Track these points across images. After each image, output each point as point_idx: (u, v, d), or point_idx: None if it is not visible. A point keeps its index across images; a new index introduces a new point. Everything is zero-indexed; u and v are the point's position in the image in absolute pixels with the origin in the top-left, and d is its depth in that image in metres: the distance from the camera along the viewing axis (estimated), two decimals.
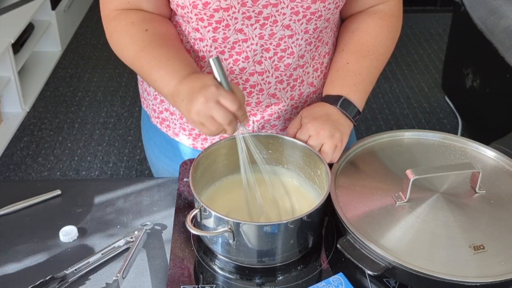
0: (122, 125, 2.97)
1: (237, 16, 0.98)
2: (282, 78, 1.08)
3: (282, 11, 0.99)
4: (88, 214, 1.04)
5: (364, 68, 1.08)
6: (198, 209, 0.89)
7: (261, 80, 1.07)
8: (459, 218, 0.91)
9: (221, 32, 1.00)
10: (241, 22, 0.99)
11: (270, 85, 1.08)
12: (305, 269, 0.92)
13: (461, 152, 1.06)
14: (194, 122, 0.92)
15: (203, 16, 0.98)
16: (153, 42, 1.01)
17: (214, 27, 1.00)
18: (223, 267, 0.92)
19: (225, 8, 0.97)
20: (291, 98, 1.11)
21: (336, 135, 1.00)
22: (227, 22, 0.99)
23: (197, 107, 0.90)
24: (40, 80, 3.23)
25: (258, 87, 1.08)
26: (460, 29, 2.83)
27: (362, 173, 1.01)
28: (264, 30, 1.01)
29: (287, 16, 1.00)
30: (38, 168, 2.66)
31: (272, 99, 1.10)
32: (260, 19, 0.99)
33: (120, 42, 1.04)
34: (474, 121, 2.80)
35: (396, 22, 1.13)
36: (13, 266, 0.94)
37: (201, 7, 0.97)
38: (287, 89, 1.10)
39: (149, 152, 1.29)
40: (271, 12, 0.99)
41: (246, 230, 0.86)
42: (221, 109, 0.89)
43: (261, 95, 1.09)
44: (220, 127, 0.91)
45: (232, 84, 0.92)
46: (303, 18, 1.01)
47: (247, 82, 1.07)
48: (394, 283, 0.89)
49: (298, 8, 0.99)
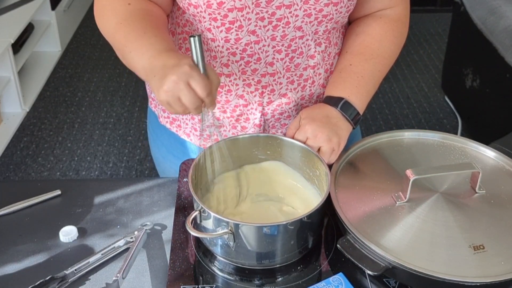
0: (122, 125, 2.97)
1: (250, 16, 0.98)
2: (293, 78, 1.08)
3: (295, 13, 0.99)
4: (88, 214, 1.04)
5: (367, 70, 1.08)
6: (198, 211, 0.89)
7: (273, 81, 1.07)
8: (459, 218, 0.91)
9: (234, 33, 1.00)
10: (254, 23, 0.99)
11: (281, 86, 1.08)
12: (305, 269, 0.92)
13: (461, 152, 1.06)
14: (162, 101, 0.89)
15: (216, 16, 0.98)
16: (134, 16, 0.99)
17: (227, 28, 0.99)
18: (223, 268, 0.92)
19: (239, 8, 0.96)
20: (301, 98, 1.12)
21: (334, 139, 1.00)
22: (240, 23, 0.98)
23: (167, 85, 0.86)
24: (40, 80, 3.23)
25: (269, 88, 1.08)
26: (460, 29, 2.83)
27: (362, 173, 1.01)
28: (277, 31, 1.01)
29: (300, 18, 1.00)
30: (38, 168, 2.66)
31: (283, 99, 1.10)
32: (273, 20, 0.99)
33: (103, 15, 1.02)
34: (474, 121, 2.80)
35: (402, 27, 1.13)
36: (13, 266, 0.94)
37: (215, 6, 0.96)
38: (298, 89, 1.10)
39: (156, 152, 1.29)
40: (284, 14, 0.98)
41: (246, 232, 0.86)
42: (190, 92, 0.86)
43: (272, 95, 1.09)
44: (186, 110, 0.89)
45: (209, 68, 0.89)
46: (315, 20, 1.01)
47: (259, 84, 1.07)
48: (394, 283, 0.89)
49: (311, 10, 0.99)
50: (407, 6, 1.14)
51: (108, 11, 1.01)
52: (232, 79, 1.07)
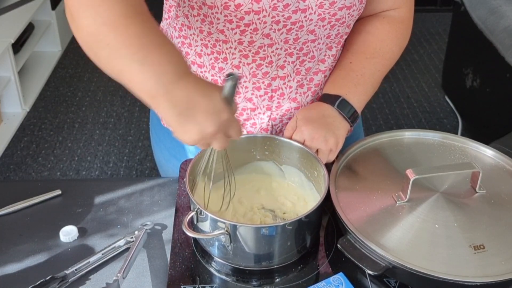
0: (122, 125, 2.97)
1: (266, 20, 0.97)
2: (303, 82, 1.08)
3: (309, 17, 0.98)
4: (88, 214, 1.04)
5: (367, 69, 1.08)
6: (195, 211, 0.89)
7: (283, 84, 1.07)
8: (459, 218, 0.91)
9: (248, 35, 0.99)
10: (270, 27, 0.98)
11: (291, 89, 1.08)
12: (305, 269, 0.92)
13: (461, 151, 1.06)
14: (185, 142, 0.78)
15: (232, 18, 0.96)
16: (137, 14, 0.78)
17: (242, 30, 0.98)
18: (222, 269, 0.92)
19: (257, 11, 0.95)
20: (310, 102, 1.11)
21: (330, 140, 1.00)
22: (255, 25, 0.97)
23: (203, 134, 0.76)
24: (40, 80, 3.23)
25: (279, 91, 1.07)
26: (460, 29, 2.83)
27: (362, 173, 1.01)
28: (290, 35, 1.00)
29: (314, 22, 0.99)
30: (38, 168, 2.66)
31: (293, 103, 1.10)
32: (288, 24, 0.98)
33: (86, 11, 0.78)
34: (474, 121, 2.80)
35: (405, 29, 1.12)
36: (13, 266, 0.94)
37: (233, 8, 0.95)
38: (307, 93, 1.10)
39: (158, 153, 1.28)
40: (299, 18, 0.98)
41: (243, 232, 0.86)
42: (226, 140, 0.80)
43: (282, 99, 1.09)
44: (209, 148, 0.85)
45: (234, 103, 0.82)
46: (328, 24, 1.00)
47: (269, 87, 1.07)
48: (394, 283, 0.89)
49: (325, 14, 0.99)
50: (411, 8, 1.13)
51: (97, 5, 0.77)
52: (242, 82, 1.06)
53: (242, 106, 1.10)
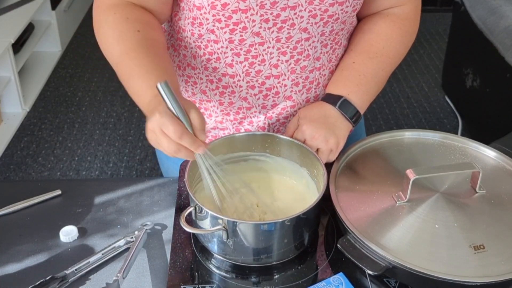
0: (123, 125, 2.97)
1: (255, 18, 0.97)
2: (298, 80, 1.07)
3: (300, 14, 0.98)
4: (88, 214, 1.04)
5: (370, 69, 1.07)
6: (193, 207, 0.89)
7: (277, 83, 1.07)
8: (459, 218, 0.91)
9: (238, 34, 0.99)
10: (259, 25, 0.98)
11: (286, 88, 1.08)
12: (304, 269, 0.92)
13: (461, 152, 1.06)
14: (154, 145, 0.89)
15: (220, 17, 0.97)
16: (141, 47, 0.97)
17: (231, 29, 0.99)
18: (222, 267, 0.92)
19: (244, 10, 0.96)
20: (306, 100, 1.11)
21: (331, 140, 1.00)
22: (244, 24, 0.98)
23: (148, 134, 0.87)
24: (40, 80, 3.23)
25: (274, 90, 1.07)
26: (460, 29, 2.83)
27: (363, 173, 1.01)
28: (282, 33, 1.00)
29: (305, 19, 0.99)
30: (38, 168, 2.66)
31: (288, 101, 1.09)
32: (278, 22, 0.98)
33: (108, 36, 1.01)
34: (474, 121, 2.80)
35: (410, 26, 1.11)
36: (13, 266, 0.94)
37: (219, 7, 0.96)
38: (303, 91, 1.09)
39: (160, 151, 1.28)
40: (289, 15, 0.98)
41: (241, 229, 0.86)
42: (165, 138, 0.85)
43: (277, 97, 1.09)
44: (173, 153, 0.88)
45: (189, 107, 0.86)
46: (321, 21, 1.00)
47: (263, 85, 1.07)
48: (394, 283, 0.89)
49: (316, 11, 0.98)
50: (417, 4, 1.12)
51: (115, 34, 0.99)
52: (235, 80, 1.06)
53: (238, 105, 1.10)
